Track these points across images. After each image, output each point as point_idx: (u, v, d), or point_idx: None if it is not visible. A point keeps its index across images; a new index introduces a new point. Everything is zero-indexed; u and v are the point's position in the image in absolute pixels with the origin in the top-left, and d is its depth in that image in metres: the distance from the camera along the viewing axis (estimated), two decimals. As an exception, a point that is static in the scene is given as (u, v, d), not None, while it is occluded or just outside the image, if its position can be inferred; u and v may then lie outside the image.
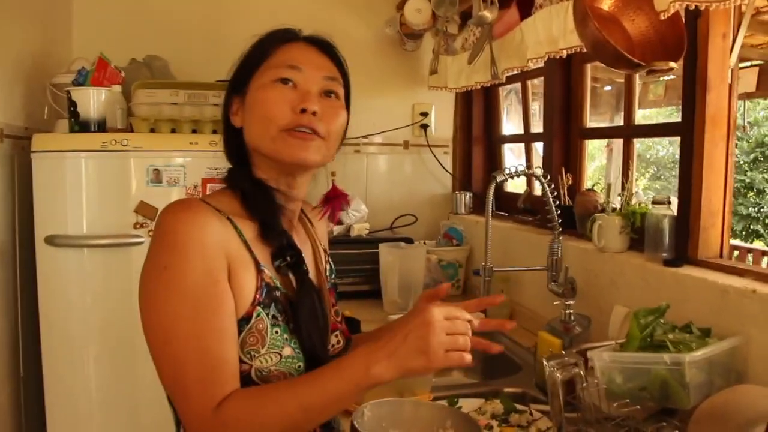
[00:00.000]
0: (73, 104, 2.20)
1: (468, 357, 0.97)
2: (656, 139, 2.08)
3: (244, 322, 1.04)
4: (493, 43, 2.29)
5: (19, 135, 2.20)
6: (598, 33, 1.57)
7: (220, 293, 1.01)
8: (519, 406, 1.60)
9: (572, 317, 1.81)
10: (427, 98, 3.14)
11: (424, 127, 3.16)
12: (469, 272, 2.83)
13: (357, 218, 2.75)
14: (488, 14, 2.11)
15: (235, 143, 1.19)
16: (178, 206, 1.05)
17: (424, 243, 2.80)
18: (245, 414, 0.96)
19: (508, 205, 2.77)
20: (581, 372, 1.36)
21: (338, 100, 1.18)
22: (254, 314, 1.05)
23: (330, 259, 1.35)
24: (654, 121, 2.17)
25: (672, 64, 1.56)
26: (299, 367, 1.08)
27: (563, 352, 1.49)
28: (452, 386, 1.88)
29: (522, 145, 3.12)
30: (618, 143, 2.50)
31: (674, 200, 1.85)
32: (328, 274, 1.31)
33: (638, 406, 1.25)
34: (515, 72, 2.32)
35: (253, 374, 1.04)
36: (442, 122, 3.22)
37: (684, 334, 1.42)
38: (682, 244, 1.74)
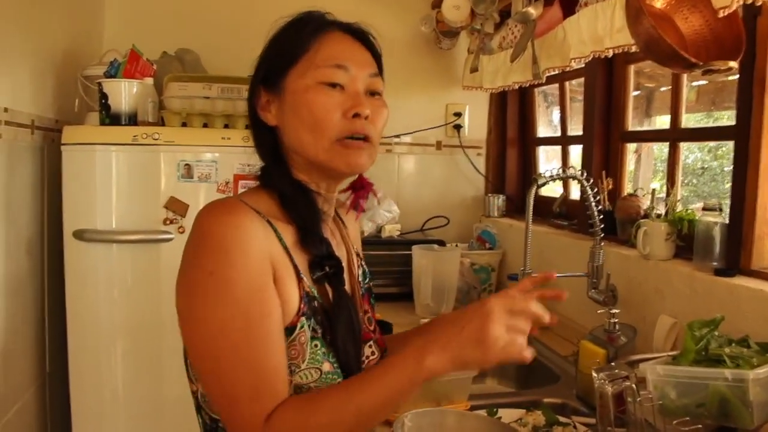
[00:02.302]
0: (104, 96, 2.16)
1: (528, 355, 0.91)
2: (684, 145, 2.02)
3: (287, 332, 0.98)
4: (534, 41, 2.22)
5: (49, 127, 2.17)
6: (653, 30, 1.50)
7: (268, 299, 0.96)
8: (561, 418, 1.54)
9: (616, 327, 1.74)
10: (461, 98, 3.09)
11: (458, 127, 3.10)
12: (501, 276, 2.76)
13: (388, 219, 2.69)
14: (533, 11, 2.04)
15: (269, 141, 1.11)
16: (220, 207, 0.99)
17: (457, 246, 2.74)
18: (296, 426, 0.91)
19: (541, 209, 2.69)
20: (633, 385, 1.29)
21: (381, 97, 1.11)
22: (298, 325, 0.99)
23: (363, 263, 1.28)
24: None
25: (732, 64, 1.48)
26: (339, 383, 1.02)
27: (612, 363, 1.42)
28: (490, 395, 1.82)
29: (550, 148, 3.06)
30: (646, 149, 2.42)
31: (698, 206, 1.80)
32: (360, 279, 1.24)
33: (700, 425, 1.17)
34: (555, 72, 2.25)
35: (293, 390, 0.99)
36: (476, 123, 3.15)
37: (741, 348, 1.35)
38: (734, 253, 1.67)
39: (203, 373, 0.97)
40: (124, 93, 2.16)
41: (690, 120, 2.40)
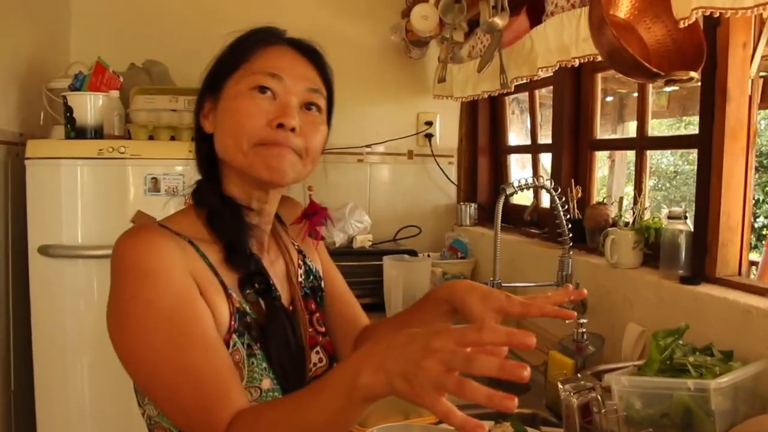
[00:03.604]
0: (69, 110, 2.13)
1: (458, 416, 0.67)
2: (657, 150, 2.07)
3: None
4: (502, 51, 2.23)
5: (13, 141, 2.13)
6: (615, 40, 1.51)
7: (196, 307, 0.93)
8: (530, 430, 1.53)
9: (585, 336, 1.74)
10: (432, 107, 3.09)
11: (429, 136, 3.10)
12: (474, 286, 2.76)
13: (360, 229, 2.68)
14: (499, 21, 2.05)
15: (204, 150, 1.08)
16: (133, 233, 0.97)
17: (428, 255, 2.74)
18: None
19: (513, 217, 2.71)
20: (598, 396, 1.29)
21: (319, 114, 1.08)
22: (231, 343, 0.97)
23: (307, 261, 1.23)
24: (657, 131, 2.11)
25: (692, 74, 1.50)
26: (290, 395, 0.95)
27: (578, 374, 1.42)
28: (460, 406, 1.81)
29: (523, 156, 3.07)
30: (620, 155, 2.44)
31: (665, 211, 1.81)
32: (303, 279, 1.19)
33: (662, 436, 1.18)
34: (523, 81, 2.27)
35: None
36: (447, 132, 3.16)
37: (705, 357, 1.36)
38: (699, 260, 1.68)
39: (155, 399, 0.94)
40: (90, 106, 2.13)
41: (662, 125, 2.41)
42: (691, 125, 2.27)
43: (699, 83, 1.66)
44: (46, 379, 2.10)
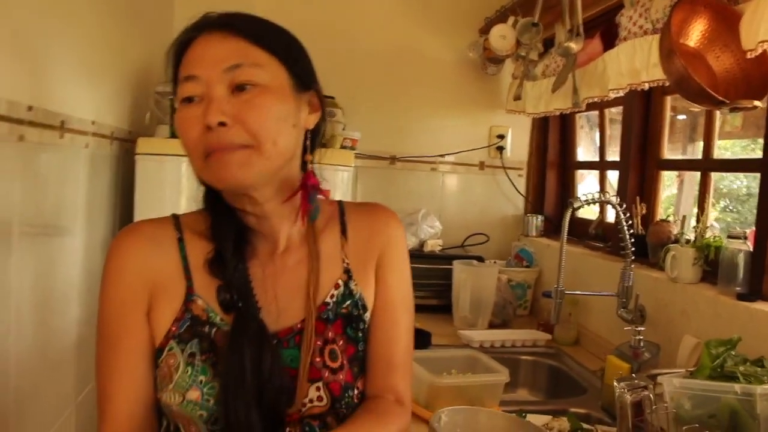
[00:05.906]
0: (174, 111, 2.35)
1: None
2: (722, 173, 2.11)
3: (159, 353, 1.00)
4: (575, 71, 2.34)
5: (124, 138, 2.37)
6: (684, 70, 1.62)
7: (125, 327, 1.00)
8: (585, 425, 1.65)
9: (642, 343, 1.85)
10: (504, 121, 3.22)
11: (500, 149, 3.24)
12: (537, 293, 2.88)
13: (431, 234, 2.83)
14: (574, 45, 2.17)
15: None
16: (119, 233, 1.04)
17: (495, 262, 2.87)
18: None
19: (578, 229, 2.80)
20: (650, 395, 1.41)
21: (256, 87, 0.95)
22: (167, 348, 0.99)
23: (351, 284, 1.09)
24: (729, 152, 2.18)
25: (756, 103, 1.60)
26: (201, 416, 0.97)
27: (633, 375, 1.54)
28: (519, 402, 1.95)
29: (588, 171, 3.16)
30: (689, 174, 2.51)
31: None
32: (333, 301, 1.07)
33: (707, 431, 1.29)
34: (594, 100, 2.37)
35: (163, 407, 1.02)
36: (518, 145, 3.29)
37: (755, 368, 1.44)
38: (757, 279, 1.76)
39: None
40: (193, 108, 2.35)
41: (735, 146, 2.46)
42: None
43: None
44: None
